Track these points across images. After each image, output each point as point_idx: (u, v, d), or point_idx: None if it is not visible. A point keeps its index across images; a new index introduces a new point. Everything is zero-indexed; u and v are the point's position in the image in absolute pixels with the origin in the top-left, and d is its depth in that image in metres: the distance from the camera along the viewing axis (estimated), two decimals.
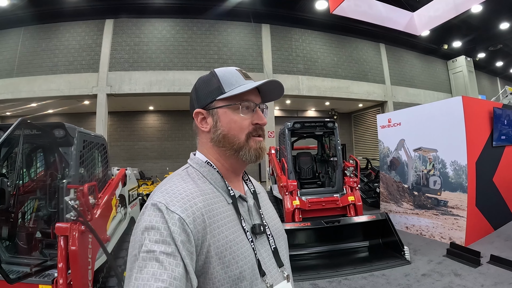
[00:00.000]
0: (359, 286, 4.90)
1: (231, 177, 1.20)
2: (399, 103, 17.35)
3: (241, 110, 1.12)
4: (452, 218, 6.72)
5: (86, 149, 3.83)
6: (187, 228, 0.90)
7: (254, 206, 1.21)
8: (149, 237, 0.86)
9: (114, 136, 17.13)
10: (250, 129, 1.13)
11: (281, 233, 1.29)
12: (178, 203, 0.94)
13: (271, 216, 1.31)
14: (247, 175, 1.34)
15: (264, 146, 1.17)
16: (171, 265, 0.83)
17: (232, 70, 1.18)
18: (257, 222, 1.15)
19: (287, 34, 15.86)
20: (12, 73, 12.89)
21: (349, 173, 7.39)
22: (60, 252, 2.78)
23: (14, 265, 3.20)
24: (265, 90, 1.20)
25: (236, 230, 1.05)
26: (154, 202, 0.94)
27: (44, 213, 3.75)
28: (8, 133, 2.60)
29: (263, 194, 1.38)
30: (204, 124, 1.17)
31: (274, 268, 1.12)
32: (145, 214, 0.93)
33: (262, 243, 1.14)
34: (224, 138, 1.13)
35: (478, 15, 14.93)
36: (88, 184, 3.01)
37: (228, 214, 1.06)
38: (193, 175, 1.12)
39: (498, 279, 4.70)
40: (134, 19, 13.86)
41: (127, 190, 4.85)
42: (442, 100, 7.34)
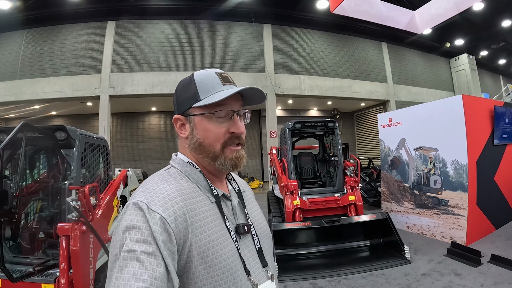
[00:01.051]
0: (358, 285, 4.89)
1: (213, 178, 1.18)
2: (401, 102, 17.37)
3: (215, 119, 1.09)
4: (453, 217, 6.68)
5: (88, 150, 3.89)
6: (169, 228, 0.89)
7: (239, 205, 1.20)
8: (130, 237, 0.86)
9: (116, 137, 17.24)
10: (226, 138, 1.10)
11: (265, 232, 1.28)
12: (160, 203, 0.93)
13: (256, 215, 1.30)
14: (230, 174, 1.32)
15: (242, 155, 1.13)
16: (152, 265, 0.82)
17: (211, 74, 1.14)
18: (241, 222, 1.14)
19: (288, 34, 15.90)
20: (15, 76, 13.00)
21: (350, 172, 7.38)
22: (62, 252, 2.83)
23: (17, 265, 3.25)
24: (247, 95, 1.16)
25: (220, 229, 1.04)
26: (135, 201, 0.94)
27: (46, 213, 3.80)
28: (11, 136, 2.65)
29: (248, 192, 1.37)
30: (183, 130, 1.16)
31: (258, 268, 1.11)
32: (127, 214, 0.92)
33: (246, 242, 1.13)
34: (200, 146, 1.12)
35: (480, 12, 14.92)
36: (89, 185, 3.06)
37: (211, 214, 1.05)
38: (175, 174, 1.11)
39: (499, 278, 4.67)
40: (136, 20, 13.95)
41: (128, 190, 4.91)
42: (442, 99, 7.31)
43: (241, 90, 1.10)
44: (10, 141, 2.68)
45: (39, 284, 3.08)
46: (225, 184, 1.25)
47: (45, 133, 3.35)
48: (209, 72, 1.14)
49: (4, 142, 2.63)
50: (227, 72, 1.26)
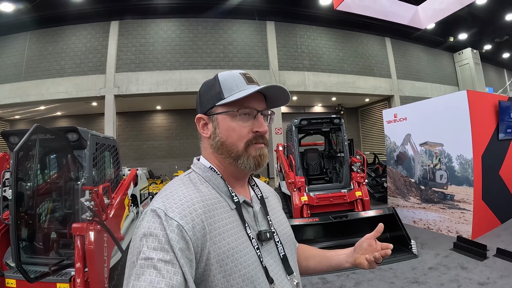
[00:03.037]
0: (366, 279, 4.95)
1: (235, 183, 1.15)
2: (406, 97, 17.34)
3: (239, 117, 1.07)
4: (458, 212, 6.72)
5: (99, 151, 3.95)
6: (186, 235, 0.88)
7: (261, 211, 1.17)
8: (147, 244, 0.85)
9: (122, 136, 17.31)
10: (250, 137, 1.08)
11: (290, 239, 1.25)
12: (177, 210, 0.92)
13: (280, 221, 1.26)
14: (253, 180, 1.29)
15: (265, 153, 1.12)
16: (169, 273, 0.81)
17: (235, 74, 1.12)
18: (263, 229, 1.11)
19: (292, 30, 15.89)
20: (20, 77, 13.06)
21: (356, 168, 7.43)
22: (77, 251, 2.89)
23: (31, 265, 3.30)
24: (271, 96, 1.15)
25: (240, 236, 1.01)
26: (153, 208, 0.93)
27: (59, 214, 3.87)
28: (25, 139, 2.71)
29: (271, 198, 1.34)
30: (205, 129, 1.15)
31: (282, 276, 1.08)
32: (144, 220, 0.91)
33: (269, 250, 1.09)
34: (223, 146, 1.09)
35: (484, 6, 14.80)
36: (102, 185, 3.11)
37: (231, 221, 1.02)
38: (195, 180, 1.09)
39: (504, 272, 4.71)
40: (139, 20, 13.97)
41: (138, 189, 4.95)
42: (447, 94, 7.32)
43: (267, 89, 1.08)
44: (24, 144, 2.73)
45: (54, 284, 3.14)
46: (247, 190, 1.21)
47: (57, 134, 3.40)
48: (233, 72, 1.14)
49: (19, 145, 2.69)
50: (232, 69, 1.26)
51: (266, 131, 1.11)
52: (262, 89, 1.07)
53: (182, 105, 17.14)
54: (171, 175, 14.79)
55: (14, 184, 2.80)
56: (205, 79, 1.12)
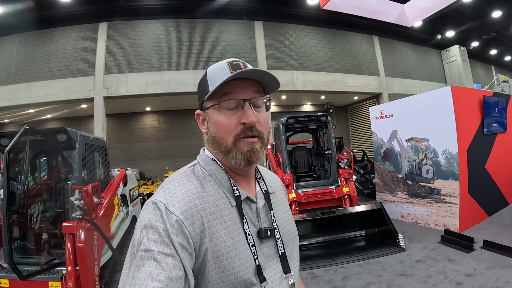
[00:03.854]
0: (354, 273, 5.05)
1: (238, 177, 1.14)
2: (394, 95, 17.35)
3: (224, 110, 1.04)
4: (445, 205, 6.86)
5: (88, 151, 4.00)
6: (185, 230, 0.89)
7: (264, 207, 1.15)
8: (148, 236, 0.86)
9: (113, 138, 17.17)
10: (239, 130, 1.03)
11: (292, 236, 1.22)
12: (178, 204, 0.93)
13: (284, 218, 1.24)
14: (259, 173, 1.25)
15: (256, 148, 1.05)
16: (169, 266, 0.83)
17: (221, 64, 1.09)
18: (264, 226, 1.09)
19: (280, 30, 15.89)
20: (9, 80, 12.94)
21: (343, 165, 7.53)
22: (68, 250, 2.94)
23: (24, 265, 3.35)
24: (263, 81, 1.11)
25: (238, 234, 1.01)
26: (155, 200, 0.94)
27: (50, 214, 3.92)
28: (16, 140, 2.76)
29: (278, 193, 1.30)
30: (203, 125, 1.14)
31: (277, 274, 1.06)
32: (145, 212, 0.93)
33: (268, 247, 1.08)
34: (214, 140, 1.08)
35: (470, 4, 14.95)
36: (91, 184, 3.18)
37: (230, 218, 1.02)
38: (198, 173, 1.09)
39: (491, 263, 4.85)
40: (128, 21, 13.89)
41: (128, 189, 5.01)
42: (432, 90, 7.48)
43: (245, 73, 1.03)
44: (14, 145, 2.79)
45: (46, 282, 3.19)
46: (252, 184, 1.19)
47: (47, 135, 3.45)
48: (221, 62, 1.11)
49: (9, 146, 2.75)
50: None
51: (253, 121, 1.03)
52: (238, 74, 1.01)
53: (172, 106, 17.10)
54: (162, 176, 14.77)
55: (5, 184, 2.86)
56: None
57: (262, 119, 1.09)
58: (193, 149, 17.47)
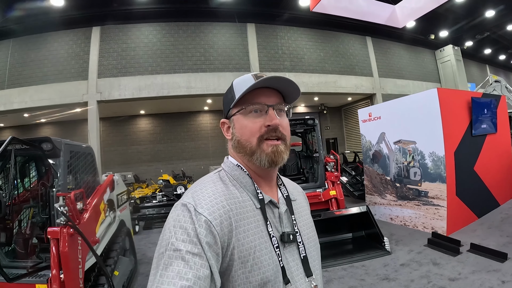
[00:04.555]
0: (338, 277, 5.05)
1: (262, 182, 1.18)
2: (388, 95, 17.49)
3: (250, 114, 1.11)
4: (433, 208, 6.85)
5: (73, 159, 4.10)
6: (214, 230, 0.92)
7: (286, 213, 1.18)
8: (176, 236, 0.90)
9: (107, 142, 17.29)
10: (262, 132, 1.09)
11: (314, 242, 1.26)
12: (206, 206, 0.96)
13: (306, 223, 1.27)
14: (281, 180, 1.29)
15: (280, 150, 1.10)
16: (196, 265, 0.85)
17: (247, 76, 1.15)
18: (287, 230, 1.13)
19: (272, 32, 16.01)
20: (3, 85, 13.01)
21: (330, 168, 7.57)
22: (52, 254, 3.06)
23: (13, 269, 3.47)
24: (283, 90, 1.17)
25: (262, 236, 1.04)
26: (184, 202, 0.98)
27: (38, 220, 4.03)
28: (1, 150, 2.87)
29: (300, 200, 1.34)
30: (228, 132, 1.20)
31: (301, 278, 1.09)
32: (174, 213, 0.97)
33: (290, 251, 1.11)
34: (239, 144, 1.13)
35: (463, 4, 15.09)
36: (74, 191, 3.28)
37: (255, 219, 1.05)
38: (224, 178, 1.14)
39: (476, 267, 4.79)
40: (120, 25, 13.99)
41: (115, 194, 5.09)
42: (419, 92, 7.49)
43: (267, 81, 1.10)
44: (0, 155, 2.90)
45: (33, 285, 3.31)
46: (274, 190, 1.24)
47: (32, 145, 3.55)
48: (246, 75, 1.16)
49: None
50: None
51: (277, 124, 1.09)
52: (262, 81, 1.08)
53: (165, 109, 17.25)
54: (156, 179, 14.85)
55: None
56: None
57: (285, 124, 1.15)
58: (186, 151, 17.62)
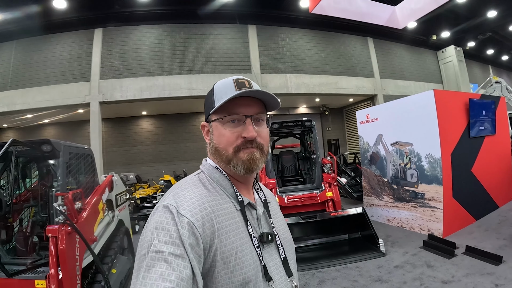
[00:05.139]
0: (331, 278, 5.09)
1: (239, 185, 1.20)
2: (389, 96, 17.37)
3: (227, 124, 1.11)
4: (429, 210, 6.87)
5: (73, 160, 4.22)
6: (196, 232, 0.93)
7: (264, 214, 1.21)
8: (159, 238, 0.89)
9: (109, 142, 17.42)
10: (238, 143, 1.11)
11: (289, 242, 1.29)
12: (189, 207, 0.97)
13: (281, 225, 1.30)
14: (258, 184, 1.33)
15: (255, 157, 1.12)
16: (179, 267, 0.85)
17: (228, 81, 1.16)
18: (265, 231, 1.15)
19: (273, 33, 16.01)
20: (7, 86, 13.13)
21: (327, 169, 7.62)
22: (51, 251, 3.18)
23: (13, 265, 3.58)
24: (265, 100, 1.18)
25: (243, 237, 1.05)
26: (165, 204, 0.98)
27: (38, 218, 4.16)
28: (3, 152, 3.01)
29: (274, 203, 1.38)
30: (207, 136, 1.21)
31: (281, 277, 1.12)
32: (156, 215, 0.96)
33: (269, 251, 1.13)
34: (216, 151, 1.15)
35: (465, 4, 15.04)
36: (72, 191, 3.40)
37: (236, 221, 1.07)
38: (204, 180, 1.15)
39: (470, 270, 4.79)
40: (122, 27, 14.07)
41: (114, 194, 5.19)
42: (415, 94, 7.52)
43: (250, 93, 1.12)
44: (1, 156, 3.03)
45: (32, 281, 3.44)
46: (251, 193, 1.27)
47: (32, 147, 3.68)
48: (227, 79, 1.18)
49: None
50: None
51: (253, 136, 1.10)
52: (243, 93, 1.10)
53: (167, 110, 17.32)
54: (158, 180, 14.93)
55: None
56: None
57: (263, 133, 1.16)
58: (188, 152, 17.67)
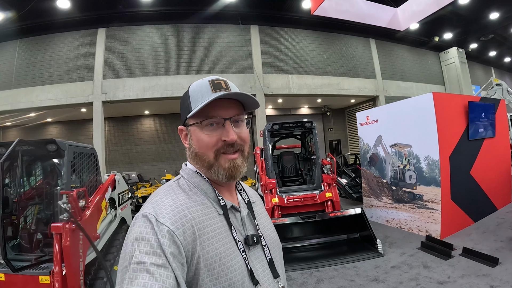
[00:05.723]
0: (328, 277, 5.16)
1: (221, 188, 1.17)
2: (391, 97, 17.43)
3: (206, 128, 1.08)
4: (427, 211, 6.90)
5: (77, 159, 4.33)
6: (177, 240, 0.90)
7: (248, 216, 1.19)
8: (139, 248, 0.87)
9: (112, 141, 17.55)
10: (219, 146, 1.08)
11: (276, 243, 1.28)
12: (168, 215, 0.94)
13: (266, 226, 1.28)
14: (240, 185, 1.31)
15: (237, 165, 1.11)
16: (161, 277, 0.83)
17: (203, 83, 1.12)
18: (250, 233, 1.13)
19: (276, 34, 16.06)
20: (10, 85, 13.22)
21: (327, 170, 7.66)
22: (55, 248, 3.27)
23: (18, 261, 3.68)
24: (243, 100, 1.15)
25: (227, 241, 1.03)
26: (144, 213, 0.95)
27: (43, 216, 4.26)
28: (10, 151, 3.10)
29: (258, 203, 1.36)
30: (186, 140, 1.18)
31: (269, 279, 1.10)
32: (135, 226, 0.94)
33: (255, 253, 1.12)
34: (196, 156, 1.12)
35: (467, 6, 15.02)
36: (77, 190, 3.49)
37: (219, 226, 1.05)
38: (184, 186, 1.12)
39: (467, 271, 4.84)
40: (126, 27, 14.16)
41: (117, 193, 5.29)
42: (415, 96, 7.57)
43: (227, 95, 1.09)
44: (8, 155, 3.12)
45: (37, 277, 3.54)
46: (234, 195, 1.24)
47: (38, 146, 3.78)
48: (202, 80, 1.14)
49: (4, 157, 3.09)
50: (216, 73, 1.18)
51: (233, 139, 1.08)
52: (220, 97, 1.06)
53: (169, 110, 17.35)
54: (160, 179, 15.00)
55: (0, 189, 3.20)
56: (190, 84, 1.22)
57: (243, 134, 1.14)
58: None
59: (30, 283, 3.57)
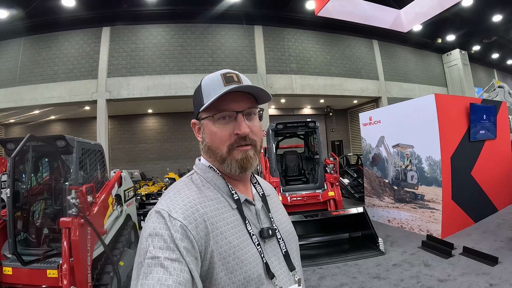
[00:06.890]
0: (331, 274, 5.22)
1: (235, 182, 1.17)
2: (393, 99, 17.47)
3: (218, 121, 1.08)
4: (428, 211, 6.94)
5: (85, 155, 4.40)
6: (190, 235, 0.91)
7: (263, 209, 1.18)
8: (153, 244, 0.88)
9: (115, 139, 17.59)
10: (232, 140, 1.08)
11: (292, 235, 1.27)
12: (180, 210, 0.95)
13: (281, 218, 1.28)
14: (255, 178, 1.30)
15: (249, 156, 1.10)
16: (176, 271, 0.84)
17: (215, 76, 1.12)
18: (265, 226, 1.13)
19: (279, 34, 16.12)
20: (15, 82, 13.30)
21: (330, 170, 7.72)
22: (64, 242, 3.34)
23: (26, 256, 3.75)
24: (255, 92, 1.14)
25: (242, 235, 1.03)
26: (157, 209, 0.96)
27: (50, 211, 4.34)
28: (20, 147, 3.18)
29: (273, 196, 1.36)
30: (199, 134, 1.17)
31: (284, 272, 1.10)
32: (149, 221, 0.95)
33: (271, 246, 1.12)
34: (209, 150, 1.12)
35: (470, 8, 15.03)
36: (86, 185, 3.57)
37: (232, 220, 1.04)
38: (197, 181, 1.12)
39: (467, 269, 4.89)
40: (130, 26, 14.23)
41: (123, 190, 5.36)
42: (417, 98, 7.61)
43: (239, 88, 1.08)
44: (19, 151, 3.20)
45: (44, 271, 3.61)
46: (249, 188, 1.24)
47: (48, 142, 3.85)
48: (214, 74, 1.13)
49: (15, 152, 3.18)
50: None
51: (246, 132, 1.07)
52: (232, 89, 1.06)
53: (172, 109, 17.43)
54: (163, 177, 15.07)
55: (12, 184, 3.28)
56: (194, 83, 1.16)
57: (255, 128, 1.13)
58: (193, 151, 17.75)
59: (38, 277, 3.63)
